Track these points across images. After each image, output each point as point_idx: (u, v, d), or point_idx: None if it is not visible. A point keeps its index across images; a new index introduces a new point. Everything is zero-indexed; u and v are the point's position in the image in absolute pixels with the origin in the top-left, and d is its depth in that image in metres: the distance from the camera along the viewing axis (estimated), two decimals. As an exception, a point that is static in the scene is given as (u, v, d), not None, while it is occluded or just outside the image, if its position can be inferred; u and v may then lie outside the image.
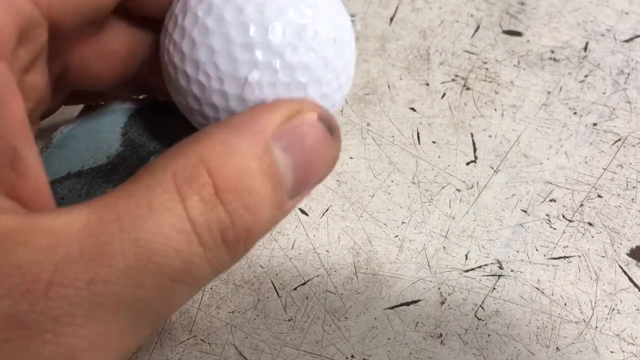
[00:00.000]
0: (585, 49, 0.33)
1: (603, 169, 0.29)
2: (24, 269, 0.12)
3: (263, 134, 0.15)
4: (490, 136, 0.30)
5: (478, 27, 0.34)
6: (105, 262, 0.13)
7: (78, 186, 0.21)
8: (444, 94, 0.31)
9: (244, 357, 0.24)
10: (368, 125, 0.30)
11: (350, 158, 0.29)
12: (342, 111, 0.31)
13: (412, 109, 0.31)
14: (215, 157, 0.14)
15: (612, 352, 0.24)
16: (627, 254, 0.27)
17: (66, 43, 0.19)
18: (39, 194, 0.14)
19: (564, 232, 0.27)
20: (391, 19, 0.34)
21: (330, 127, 0.16)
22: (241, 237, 0.15)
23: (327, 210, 0.28)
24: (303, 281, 0.26)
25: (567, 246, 0.27)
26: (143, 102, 0.23)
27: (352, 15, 0.20)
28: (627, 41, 0.33)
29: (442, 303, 0.26)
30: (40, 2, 0.15)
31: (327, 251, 0.27)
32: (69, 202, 0.21)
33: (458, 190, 0.28)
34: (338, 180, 0.29)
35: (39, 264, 0.13)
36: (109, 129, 0.22)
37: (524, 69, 0.32)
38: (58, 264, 0.13)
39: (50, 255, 0.13)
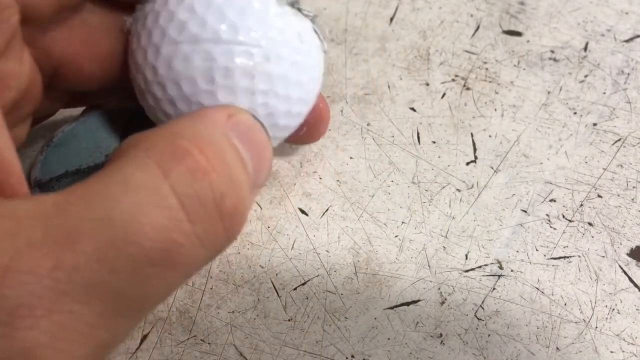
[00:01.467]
0: (585, 49, 0.33)
1: (603, 169, 0.29)
2: None
3: (219, 122, 0.14)
4: (490, 136, 0.30)
5: (478, 27, 0.34)
6: (71, 245, 0.11)
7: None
8: (444, 94, 0.31)
9: (244, 357, 0.24)
10: (368, 125, 0.30)
11: (350, 158, 0.29)
12: (342, 111, 0.31)
13: (412, 109, 0.31)
14: (187, 130, 0.13)
15: (612, 352, 0.24)
16: (627, 254, 0.27)
17: (55, 40, 0.18)
18: (10, 179, 0.13)
19: (564, 232, 0.27)
20: (391, 19, 0.34)
21: (265, 130, 0.16)
22: (239, 208, 0.13)
23: (327, 210, 0.28)
24: (303, 281, 0.26)
25: (567, 246, 0.27)
26: None
27: (314, 19, 0.20)
28: (627, 41, 0.33)
29: (442, 303, 0.26)
30: None
31: (327, 251, 0.27)
32: None
33: (458, 190, 0.28)
34: (338, 180, 0.29)
35: None
36: (110, 128, 0.22)
37: (524, 69, 0.32)
38: (18, 249, 0.11)
39: (10, 240, 0.11)
